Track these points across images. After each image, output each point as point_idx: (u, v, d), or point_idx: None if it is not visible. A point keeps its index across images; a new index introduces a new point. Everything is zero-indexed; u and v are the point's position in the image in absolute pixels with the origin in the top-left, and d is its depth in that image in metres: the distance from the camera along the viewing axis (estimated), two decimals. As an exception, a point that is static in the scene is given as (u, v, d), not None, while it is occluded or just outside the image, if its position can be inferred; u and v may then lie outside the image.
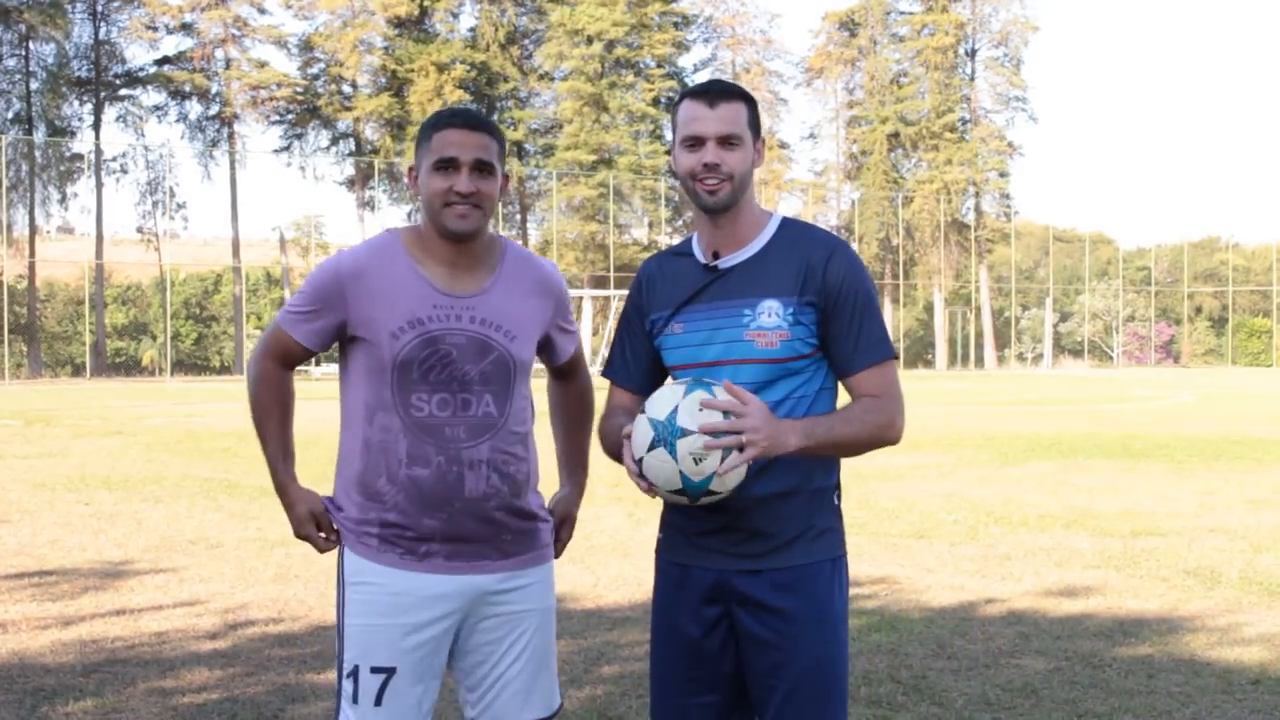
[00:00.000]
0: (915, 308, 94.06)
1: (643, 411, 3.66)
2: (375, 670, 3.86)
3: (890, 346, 3.85)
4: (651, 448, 3.57)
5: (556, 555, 4.22)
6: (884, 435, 3.81)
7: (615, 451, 3.87)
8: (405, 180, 4.31)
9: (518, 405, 4.00)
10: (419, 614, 3.87)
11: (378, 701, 3.85)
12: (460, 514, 3.87)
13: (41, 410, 34.43)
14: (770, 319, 3.76)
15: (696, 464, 3.54)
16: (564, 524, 4.28)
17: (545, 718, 4.08)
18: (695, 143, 3.82)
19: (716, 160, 3.79)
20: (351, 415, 3.96)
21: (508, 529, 3.96)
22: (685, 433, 3.54)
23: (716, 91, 3.84)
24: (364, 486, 3.91)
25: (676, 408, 3.57)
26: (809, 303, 3.77)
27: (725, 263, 3.86)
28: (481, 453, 3.89)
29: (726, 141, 3.80)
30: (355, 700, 3.87)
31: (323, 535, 4.04)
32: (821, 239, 3.87)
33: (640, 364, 4.04)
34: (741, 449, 3.50)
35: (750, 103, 3.88)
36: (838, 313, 3.78)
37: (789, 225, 3.92)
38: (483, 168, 3.86)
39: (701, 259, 3.91)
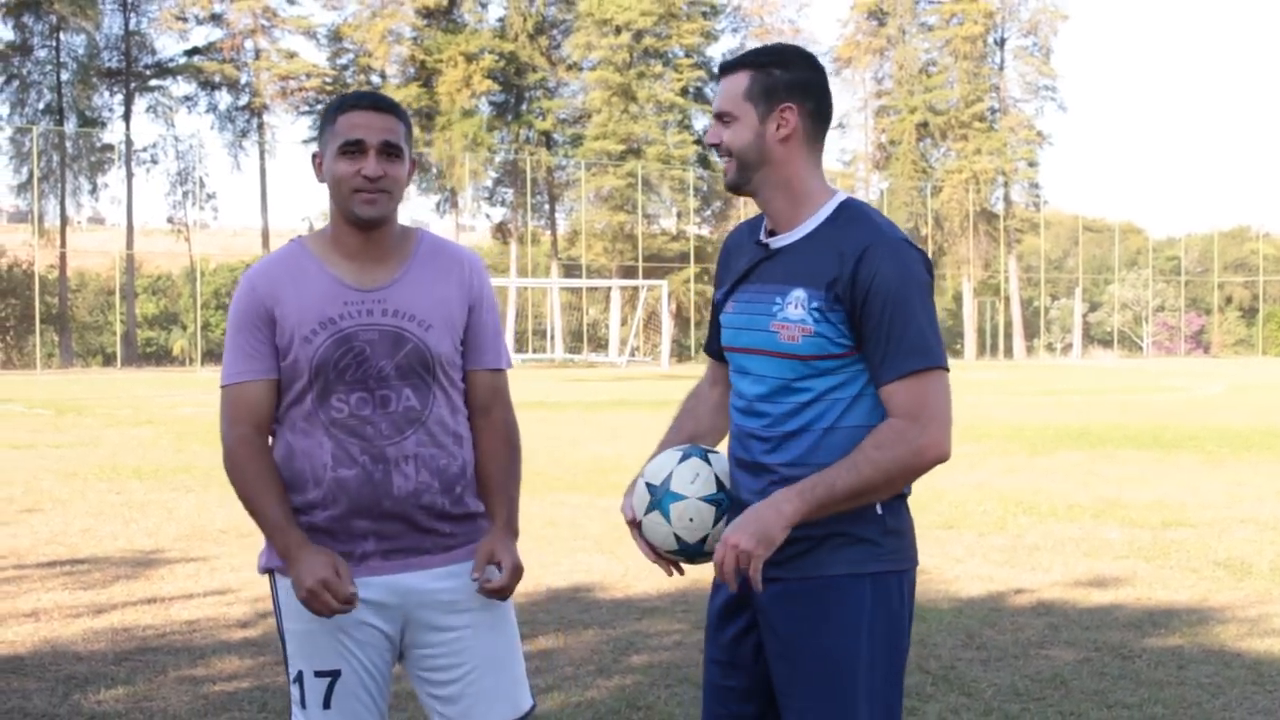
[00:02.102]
0: (944, 298, 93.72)
1: (641, 475, 3.71)
2: (319, 674, 3.76)
3: (930, 355, 3.43)
4: (648, 511, 3.65)
5: (500, 596, 3.82)
6: (913, 464, 3.43)
7: None
8: (312, 168, 4.01)
9: (443, 398, 3.82)
10: (357, 615, 3.73)
11: (326, 704, 3.76)
12: (391, 513, 3.74)
13: (73, 400, 34.58)
14: (796, 311, 3.47)
15: (690, 522, 3.62)
16: (498, 564, 3.81)
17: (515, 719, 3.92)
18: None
19: (715, 139, 3.60)
20: (276, 427, 3.83)
21: (444, 525, 3.82)
22: (678, 497, 3.61)
23: (724, 65, 3.63)
24: (294, 492, 3.77)
25: (671, 474, 3.64)
26: (837, 299, 3.44)
27: (776, 242, 3.60)
28: (407, 448, 3.75)
29: (720, 118, 3.60)
30: (304, 705, 3.78)
31: (343, 586, 3.63)
32: (864, 230, 3.49)
33: (720, 335, 3.84)
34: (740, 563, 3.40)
35: (763, 67, 3.56)
36: (866, 317, 3.42)
37: (845, 208, 3.56)
38: (390, 151, 3.71)
39: (762, 235, 3.68)
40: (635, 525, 3.70)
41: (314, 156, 3.82)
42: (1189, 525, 12.37)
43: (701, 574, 4.04)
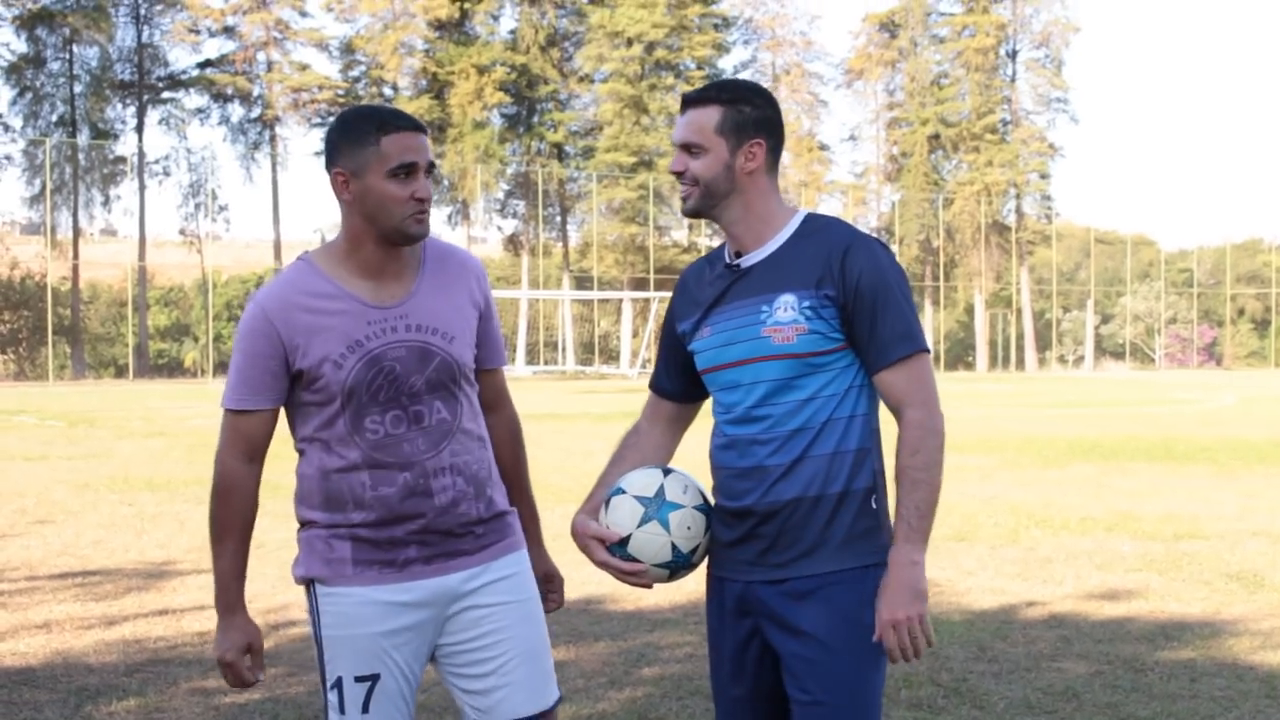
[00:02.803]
0: (956, 310, 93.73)
1: (622, 492, 3.79)
2: (360, 679, 3.80)
3: (915, 340, 3.70)
4: (642, 524, 3.73)
5: (550, 609, 4.18)
6: (941, 443, 3.69)
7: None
8: (333, 185, 3.88)
9: (466, 404, 3.90)
10: (397, 620, 3.80)
11: (365, 709, 3.80)
12: (432, 524, 3.80)
13: (85, 411, 34.65)
14: (786, 313, 3.68)
15: (688, 530, 3.75)
16: (548, 583, 4.21)
17: (543, 711, 3.98)
18: (675, 149, 3.85)
19: (680, 167, 3.79)
20: (305, 446, 3.86)
21: (478, 527, 3.90)
22: (676, 506, 3.76)
23: (689, 98, 3.83)
24: (332, 511, 3.82)
25: (662, 486, 3.78)
26: (828, 296, 3.67)
27: (746, 261, 3.80)
28: (444, 459, 3.81)
29: (688, 149, 3.78)
30: (342, 710, 3.82)
31: (249, 668, 3.90)
32: (841, 232, 3.78)
33: (675, 371, 4.04)
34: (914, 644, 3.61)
35: (733, 104, 3.79)
36: (858, 309, 3.67)
37: (812, 220, 3.84)
38: (431, 170, 3.79)
39: (728, 260, 3.87)
40: (618, 543, 3.77)
41: (338, 174, 3.75)
42: (1202, 538, 12.34)
43: (713, 586, 4.04)
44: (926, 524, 3.64)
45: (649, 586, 3.83)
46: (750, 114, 3.79)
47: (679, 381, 4.03)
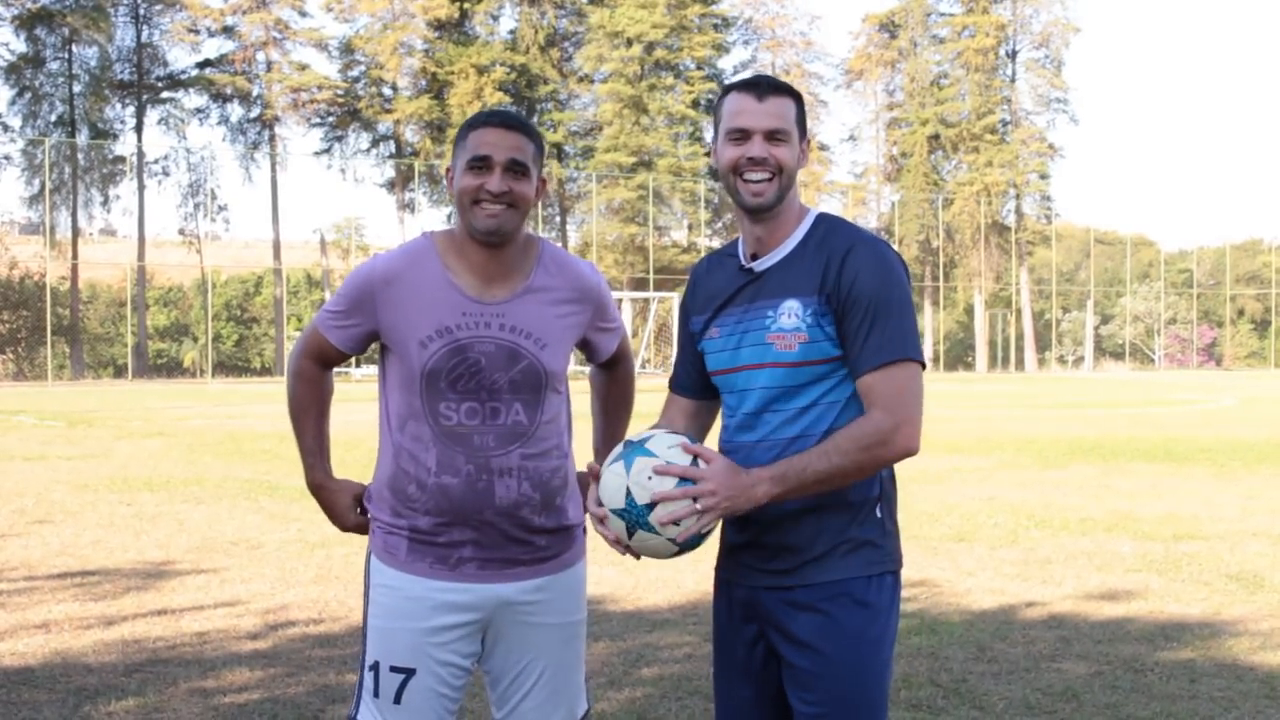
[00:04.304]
0: (955, 310, 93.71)
1: (600, 505, 3.59)
2: (395, 669, 3.84)
3: (905, 347, 3.56)
4: (632, 533, 3.58)
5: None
6: (879, 454, 3.54)
7: None
8: (444, 182, 4.18)
9: (550, 412, 3.93)
10: (442, 618, 3.83)
11: (397, 700, 3.84)
12: (491, 523, 3.82)
13: (84, 411, 34.63)
14: (790, 320, 3.61)
15: (649, 480, 3.53)
16: None
17: None
18: (741, 136, 3.65)
19: (764, 154, 3.63)
20: (385, 421, 3.93)
21: (540, 538, 3.92)
22: (649, 454, 3.56)
23: (766, 85, 3.69)
24: (396, 491, 3.88)
25: (628, 489, 3.53)
26: (827, 302, 3.58)
27: (761, 264, 3.72)
28: (511, 460, 3.83)
29: (774, 136, 3.64)
30: (376, 695, 3.86)
31: (364, 515, 4.06)
32: (845, 235, 3.66)
33: (692, 369, 3.96)
34: (700, 512, 3.46)
35: (799, 100, 3.74)
36: (849, 314, 3.56)
37: (822, 221, 3.74)
38: (517, 168, 3.77)
39: (742, 261, 3.79)
40: (594, 478, 3.67)
41: (446, 171, 3.93)
42: (1201, 538, 12.33)
43: (711, 587, 4.03)
44: (798, 483, 3.49)
45: (623, 552, 3.66)
46: (803, 113, 3.78)
47: (694, 379, 3.95)
